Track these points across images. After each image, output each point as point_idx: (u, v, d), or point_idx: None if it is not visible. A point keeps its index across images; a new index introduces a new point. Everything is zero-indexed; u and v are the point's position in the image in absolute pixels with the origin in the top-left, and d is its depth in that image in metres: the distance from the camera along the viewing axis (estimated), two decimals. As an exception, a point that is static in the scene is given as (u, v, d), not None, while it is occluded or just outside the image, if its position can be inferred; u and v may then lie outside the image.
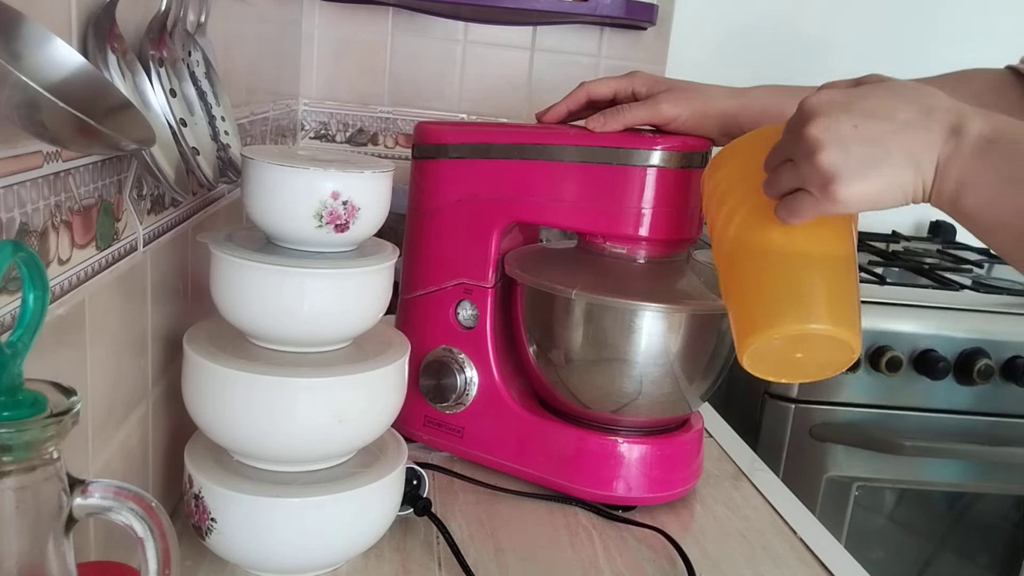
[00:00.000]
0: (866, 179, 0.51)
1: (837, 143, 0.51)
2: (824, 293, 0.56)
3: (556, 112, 0.79)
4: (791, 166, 0.54)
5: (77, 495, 0.34)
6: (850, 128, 0.51)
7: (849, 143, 0.51)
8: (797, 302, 0.56)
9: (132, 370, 0.57)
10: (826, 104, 0.53)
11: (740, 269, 0.59)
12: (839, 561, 0.70)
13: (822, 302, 0.56)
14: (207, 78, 0.62)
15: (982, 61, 0.79)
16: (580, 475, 0.75)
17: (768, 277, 0.57)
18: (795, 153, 0.54)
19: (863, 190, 0.51)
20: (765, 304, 0.57)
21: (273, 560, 0.58)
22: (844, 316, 0.56)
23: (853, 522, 1.22)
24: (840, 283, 0.57)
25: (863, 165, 0.51)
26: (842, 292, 0.56)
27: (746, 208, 0.59)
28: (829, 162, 0.51)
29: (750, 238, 0.59)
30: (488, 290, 0.77)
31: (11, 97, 0.33)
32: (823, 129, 0.51)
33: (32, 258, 0.32)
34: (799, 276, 0.56)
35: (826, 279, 0.56)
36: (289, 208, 0.56)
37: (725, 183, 0.61)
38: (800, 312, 0.55)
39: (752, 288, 0.58)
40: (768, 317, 0.56)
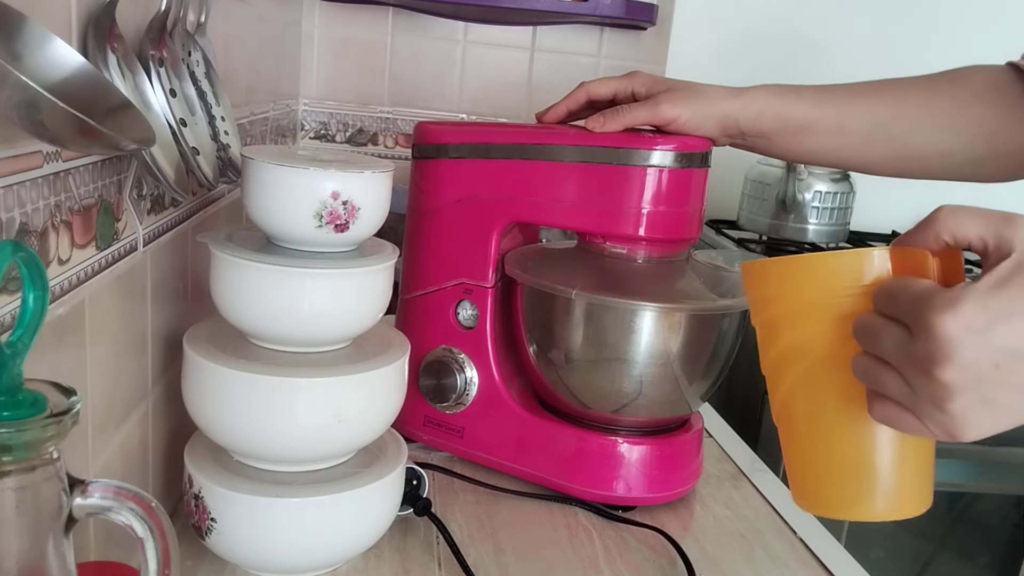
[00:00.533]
0: (995, 424, 0.44)
1: (973, 390, 0.42)
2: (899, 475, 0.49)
3: (556, 112, 0.79)
4: (899, 380, 0.45)
5: (77, 495, 0.34)
6: (990, 368, 0.42)
7: (986, 388, 0.42)
8: (871, 490, 0.49)
9: (132, 370, 0.57)
10: (963, 335, 0.42)
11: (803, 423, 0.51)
12: (839, 561, 0.70)
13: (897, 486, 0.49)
14: (207, 78, 0.62)
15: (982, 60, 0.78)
16: (580, 475, 0.75)
17: (838, 448, 0.49)
18: (913, 380, 0.44)
19: (990, 431, 0.44)
20: (834, 480, 0.50)
21: (273, 560, 0.58)
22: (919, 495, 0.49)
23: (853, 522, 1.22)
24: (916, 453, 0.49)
25: (996, 412, 0.43)
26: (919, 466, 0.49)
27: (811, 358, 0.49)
28: (961, 410, 0.43)
29: (813, 396, 0.49)
30: (488, 290, 0.77)
31: (11, 97, 0.33)
32: (959, 371, 0.42)
33: (32, 258, 0.32)
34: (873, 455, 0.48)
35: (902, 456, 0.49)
36: (289, 208, 0.56)
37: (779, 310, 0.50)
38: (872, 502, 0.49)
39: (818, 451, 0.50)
40: (836, 500, 0.50)
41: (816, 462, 0.50)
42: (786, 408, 0.51)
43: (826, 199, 1.51)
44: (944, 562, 1.30)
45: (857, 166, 0.79)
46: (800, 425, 0.50)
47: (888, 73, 0.79)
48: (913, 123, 0.75)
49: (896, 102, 0.75)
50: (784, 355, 0.50)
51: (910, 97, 0.75)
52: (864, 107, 0.75)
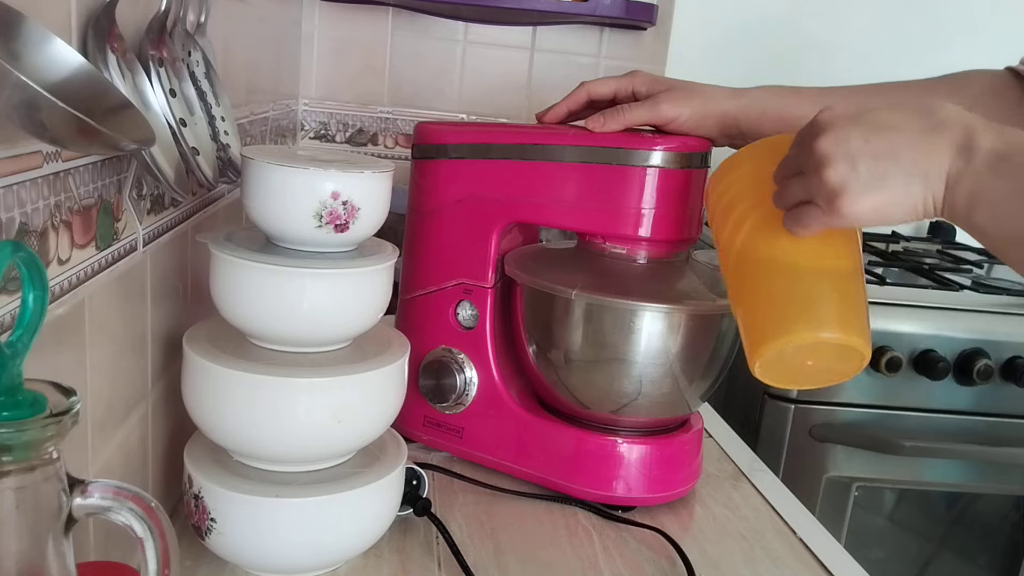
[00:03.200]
0: (873, 194, 0.51)
1: (845, 158, 0.51)
2: (835, 302, 0.56)
3: (556, 112, 0.79)
4: (800, 178, 0.55)
5: (77, 495, 0.34)
6: (860, 143, 0.51)
7: (857, 158, 0.51)
8: (808, 311, 0.56)
9: (132, 370, 0.57)
10: (837, 117, 0.53)
11: (749, 278, 0.60)
12: (839, 561, 0.70)
13: (833, 311, 0.56)
14: (207, 78, 0.62)
15: (981, 62, 0.79)
16: (580, 475, 0.75)
17: (778, 287, 0.58)
18: (804, 166, 0.54)
19: (870, 205, 0.52)
20: (776, 314, 0.57)
21: (273, 560, 0.58)
22: (855, 324, 0.56)
23: (853, 522, 1.22)
24: (850, 291, 0.57)
25: (871, 181, 0.51)
26: (852, 300, 0.57)
27: (754, 217, 0.60)
28: (837, 177, 0.51)
29: (759, 247, 0.59)
30: (488, 290, 0.77)
31: (11, 97, 0.33)
32: (832, 143, 0.52)
33: (32, 258, 0.32)
34: (809, 285, 0.57)
35: (836, 287, 0.57)
36: (289, 208, 0.56)
37: (733, 190, 0.62)
38: (812, 321, 0.56)
39: (762, 297, 0.59)
40: (780, 326, 0.56)
41: (762, 302, 0.59)
42: (736, 270, 0.61)
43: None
44: (944, 562, 1.30)
45: None
46: (749, 277, 0.60)
47: (888, 74, 0.79)
48: None
49: None
50: (735, 225, 0.61)
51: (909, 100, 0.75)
52: None
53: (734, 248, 0.61)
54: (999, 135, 0.50)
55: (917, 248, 1.54)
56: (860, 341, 0.56)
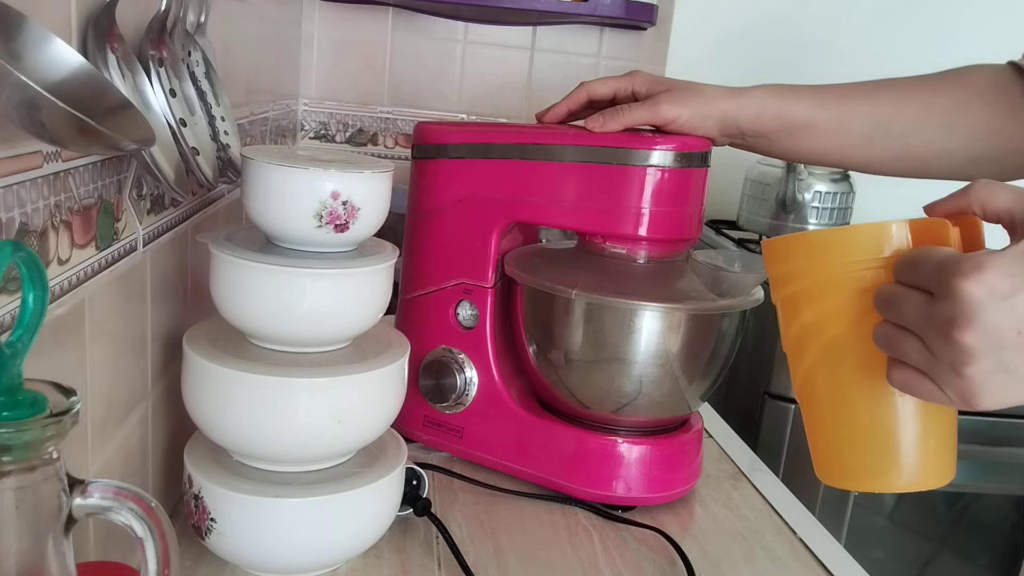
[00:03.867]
0: (1013, 392, 0.44)
1: (993, 354, 0.42)
2: (922, 446, 0.49)
3: (556, 112, 0.79)
4: (920, 346, 0.45)
5: (77, 495, 0.34)
6: (1012, 335, 0.42)
7: (1007, 355, 0.42)
8: (894, 461, 0.49)
9: (132, 370, 0.57)
10: (989, 297, 0.42)
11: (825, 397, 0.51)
12: (839, 561, 0.70)
13: (920, 457, 0.49)
14: (207, 78, 0.62)
15: (983, 59, 0.78)
16: (580, 475, 0.75)
17: (860, 419, 0.50)
18: (933, 343, 0.44)
19: (1005, 402, 0.44)
20: (857, 452, 0.51)
21: (273, 560, 0.58)
22: (942, 466, 0.50)
23: (853, 522, 1.22)
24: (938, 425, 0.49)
25: (1016, 382, 0.43)
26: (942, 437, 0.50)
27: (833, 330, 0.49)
28: (979, 375, 0.43)
29: (836, 368, 0.50)
30: (488, 290, 0.77)
31: (11, 97, 0.33)
32: (981, 336, 0.42)
33: (32, 258, 0.32)
34: (895, 426, 0.49)
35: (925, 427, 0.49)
36: (289, 208, 0.56)
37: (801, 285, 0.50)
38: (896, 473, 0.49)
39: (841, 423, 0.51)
40: (858, 472, 0.51)
41: (839, 435, 0.51)
42: (809, 382, 0.51)
43: (826, 199, 1.51)
44: (944, 562, 1.30)
45: (857, 166, 0.79)
46: (823, 399, 0.51)
47: (889, 72, 0.79)
48: (913, 123, 0.75)
49: (896, 102, 0.75)
50: (806, 330, 0.50)
51: (910, 97, 0.75)
52: (864, 107, 0.75)
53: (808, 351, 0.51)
54: None
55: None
56: (946, 481, 0.50)
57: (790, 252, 0.50)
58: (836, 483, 0.53)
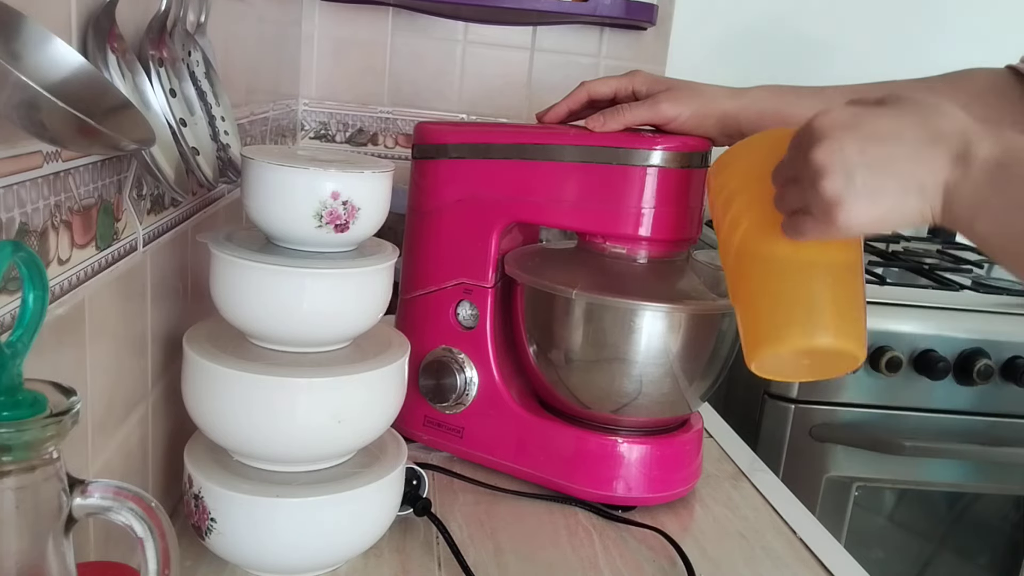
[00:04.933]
0: (869, 207, 0.50)
1: (841, 169, 0.50)
2: (830, 306, 0.56)
3: (556, 112, 0.79)
4: (796, 186, 0.54)
5: (77, 495, 0.34)
6: (856, 153, 0.50)
7: (853, 169, 0.50)
8: (804, 317, 0.56)
9: (132, 370, 0.57)
10: (833, 126, 0.51)
11: (747, 275, 0.60)
12: (839, 561, 0.70)
13: (828, 316, 0.56)
14: (207, 78, 0.62)
15: (982, 61, 0.79)
16: (580, 475, 0.75)
17: (775, 288, 0.58)
18: (800, 174, 0.53)
19: (866, 217, 0.51)
20: (773, 317, 0.57)
21: (273, 560, 0.58)
22: (850, 328, 0.56)
23: (853, 522, 1.22)
24: (847, 293, 0.57)
25: (867, 192, 0.50)
26: (848, 303, 0.57)
27: (752, 214, 0.59)
28: (832, 189, 0.50)
29: (756, 245, 0.59)
30: (488, 290, 0.77)
31: (11, 97, 0.33)
32: (828, 153, 0.51)
33: (32, 258, 0.32)
34: (805, 288, 0.57)
35: (832, 290, 0.57)
36: (289, 208, 0.56)
37: (731, 185, 0.61)
38: (807, 327, 0.56)
39: (759, 297, 0.59)
40: (776, 330, 0.57)
41: (760, 305, 0.58)
42: (735, 267, 0.60)
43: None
44: (944, 562, 1.30)
45: None
46: (748, 276, 0.60)
47: (889, 74, 0.79)
48: None
49: None
50: (734, 221, 0.60)
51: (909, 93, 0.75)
52: None
53: (732, 243, 0.60)
54: (997, 142, 0.49)
55: (917, 248, 1.54)
56: (855, 346, 0.56)
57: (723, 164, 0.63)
58: (761, 351, 0.57)
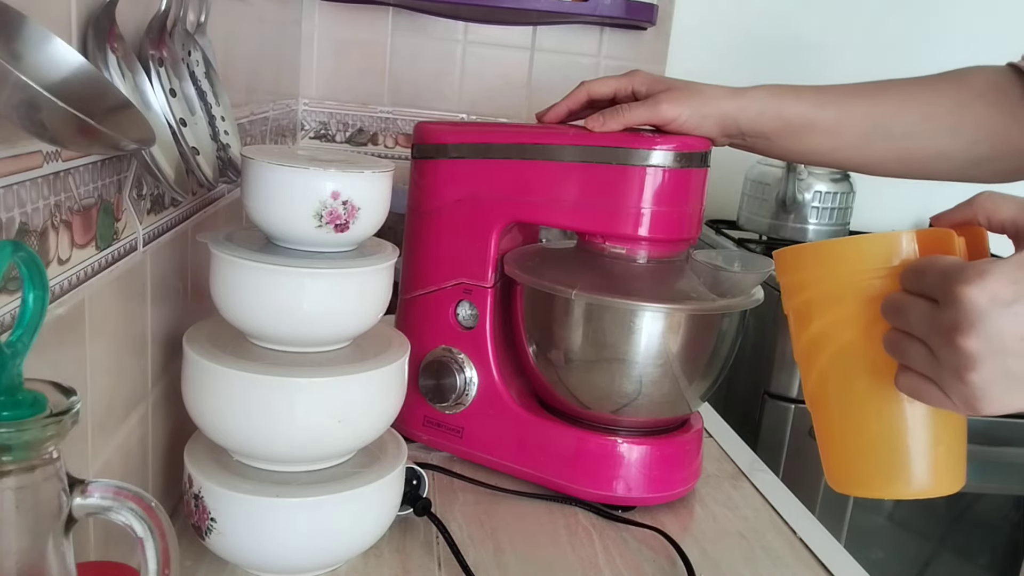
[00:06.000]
0: (1019, 399, 0.44)
1: (996, 360, 0.43)
2: (931, 453, 0.50)
3: (556, 112, 0.79)
4: (925, 351, 0.46)
5: (77, 495, 0.34)
6: (1015, 341, 0.42)
7: (1011, 360, 0.43)
8: (904, 468, 0.50)
9: (132, 370, 0.57)
10: (992, 307, 0.42)
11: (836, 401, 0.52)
12: (839, 561, 0.70)
13: (929, 464, 0.50)
14: (207, 78, 0.62)
15: (983, 59, 0.78)
16: (580, 475, 0.75)
17: (869, 427, 0.51)
18: (938, 349, 0.45)
19: (1009, 407, 0.44)
20: (866, 459, 0.51)
21: (273, 560, 0.58)
22: (952, 472, 0.51)
23: (853, 522, 1.23)
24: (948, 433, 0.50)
25: (1019, 388, 0.43)
26: (951, 443, 0.50)
27: (847, 338, 0.50)
28: (982, 382, 0.43)
29: (851, 374, 0.51)
30: (488, 290, 0.77)
31: (11, 97, 0.33)
32: (984, 342, 0.43)
33: (32, 258, 0.32)
34: (904, 433, 0.50)
35: (935, 434, 0.50)
36: (289, 208, 0.56)
37: (821, 290, 0.51)
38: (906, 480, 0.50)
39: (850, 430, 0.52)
40: (868, 478, 0.52)
41: (849, 443, 0.52)
42: (820, 390, 0.52)
43: (826, 199, 1.51)
44: (944, 562, 1.30)
45: (857, 166, 0.79)
46: (833, 407, 0.52)
47: (888, 73, 0.79)
48: (913, 123, 0.75)
49: (896, 102, 0.75)
50: (817, 338, 0.51)
51: (910, 98, 0.75)
52: (864, 107, 0.75)
53: (817, 359, 0.52)
54: None
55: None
56: (956, 488, 0.51)
57: (801, 261, 0.51)
58: (848, 491, 0.53)
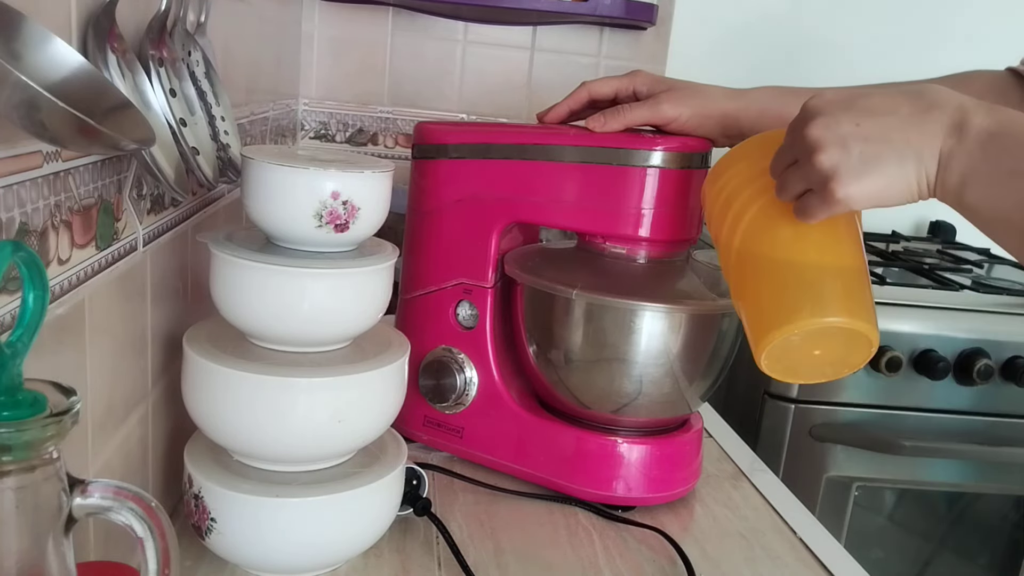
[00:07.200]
0: (868, 176, 0.51)
1: (837, 142, 0.51)
2: (840, 288, 0.56)
3: (558, 112, 0.79)
4: (796, 167, 0.55)
5: (77, 495, 0.34)
6: (851, 126, 0.51)
7: (849, 141, 0.51)
8: (814, 298, 0.56)
9: (132, 370, 0.57)
10: (827, 103, 0.53)
11: (752, 270, 0.60)
12: (839, 561, 0.70)
13: (838, 296, 0.56)
14: (207, 78, 0.62)
15: (982, 62, 0.79)
16: (580, 475, 0.75)
17: (782, 276, 0.58)
18: (798, 154, 0.54)
19: (865, 188, 0.52)
20: (780, 303, 0.57)
21: (273, 560, 0.58)
22: (861, 309, 0.56)
23: (853, 522, 1.22)
24: (854, 281, 0.57)
25: (863, 163, 0.51)
26: (857, 287, 0.57)
27: (753, 210, 0.60)
28: (829, 161, 0.52)
29: (760, 239, 0.59)
30: (488, 290, 0.77)
31: (11, 97, 0.33)
32: (823, 128, 0.52)
33: (32, 258, 0.32)
34: (813, 273, 0.57)
35: (840, 274, 0.57)
36: (289, 208, 0.56)
37: (729, 187, 0.62)
38: (817, 307, 0.56)
39: (765, 290, 0.59)
40: (785, 314, 0.56)
41: (766, 295, 0.59)
42: (737, 265, 0.61)
43: (826, 199, 1.51)
44: (944, 562, 1.30)
45: None
46: (752, 271, 0.60)
47: (888, 74, 0.79)
48: None
49: None
50: (738, 213, 0.60)
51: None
52: None
53: (734, 244, 0.61)
54: (990, 113, 0.50)
55: (917, 248, 1.54)
56: (867, 326, 0.55)
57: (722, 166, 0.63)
58: (771, 338, 0.56)
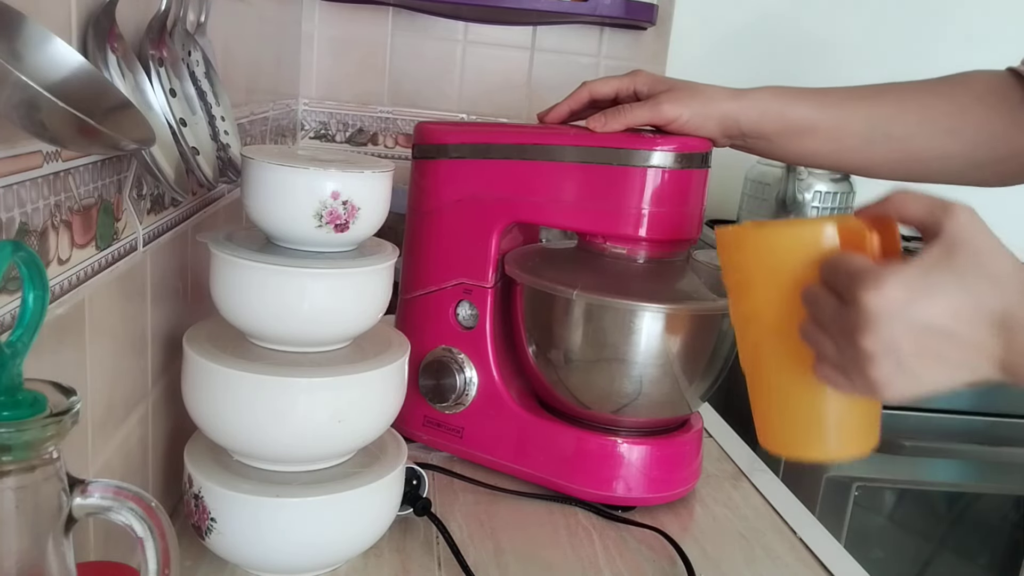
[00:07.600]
0: (915, 389, 0.49)
1: (892, 358, 0.48)
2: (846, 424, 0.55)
3: (558, 112, 0.79)
4: (836, 346, 0.50)
5: (77, 495, 0.34)
6: (909, 344, 0.47)
7: (905, 359, 0.48)
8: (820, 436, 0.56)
9: (132, 370, 0.57)
10: (887, 312, 0.47)
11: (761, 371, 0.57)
12: (839, 561, 0.70)
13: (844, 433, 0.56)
14: (207, 78, 0.62)
15: (982, 62, 0.79)
16: (580, 475, 0.75)
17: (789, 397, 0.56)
18: (843, 346, 0.50)
19: (912, 394, 0.49)
20: (789, 426, 0.57)
21: (273, 560, 0.58)
22: (864, 439, 0.56)
23: (853, 522, 1.22)
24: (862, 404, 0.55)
25: (916, 377, 0.48)
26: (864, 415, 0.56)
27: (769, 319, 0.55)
28: (881, 376, 0.49)
29: (771, 352, 0.56)
30: (488, 290, 0.77)
31: (11, 97, 0.33)
32: (879, 343, 0.48)
33: (32, 258, 0.32)
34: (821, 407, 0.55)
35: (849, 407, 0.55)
36: (289, 208, 0.56)
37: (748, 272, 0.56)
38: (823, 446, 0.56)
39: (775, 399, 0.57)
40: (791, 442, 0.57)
41: (775, 409, 0.57)
42: (751, 359, 0.57)
43: (826, 199, 1.51)
44: (944, 562, 1.30)
45: (857, 169, 0.79)
46: (761, 376, 0.57)
47: (889, 74, 0.79)
48: (914, 126, 0.75)
49: (897, 105, 0.75)
50: (751, 313, 0.56)
51: (911, 100, 0.75)
52: (865, 110, 0.75)
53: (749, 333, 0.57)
54: None
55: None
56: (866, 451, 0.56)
57: (739, 243, 0.56)
58: (775, 451, 0.58)
